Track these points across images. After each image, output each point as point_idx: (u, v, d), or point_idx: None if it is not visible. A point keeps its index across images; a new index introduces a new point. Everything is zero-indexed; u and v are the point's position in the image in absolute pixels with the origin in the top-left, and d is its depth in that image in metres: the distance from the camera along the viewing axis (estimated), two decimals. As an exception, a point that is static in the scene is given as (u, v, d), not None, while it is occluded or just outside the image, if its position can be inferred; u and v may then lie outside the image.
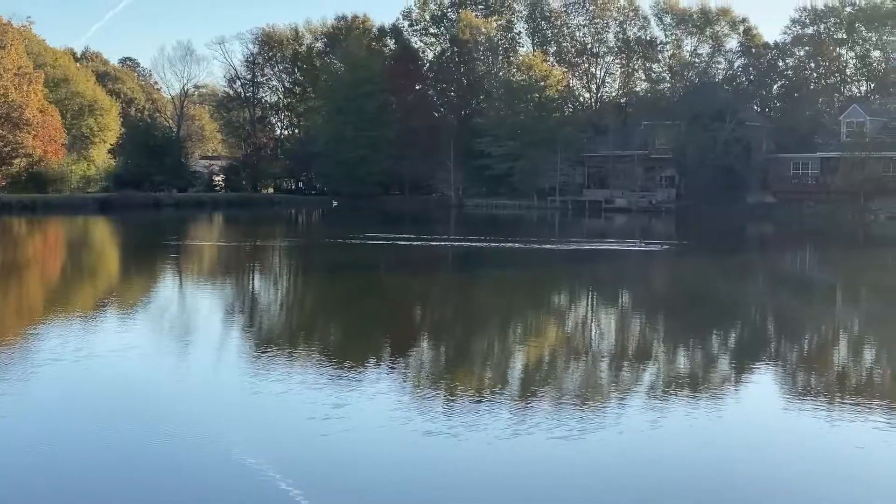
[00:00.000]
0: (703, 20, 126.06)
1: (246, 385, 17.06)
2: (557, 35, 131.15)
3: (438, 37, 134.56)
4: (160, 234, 65.25)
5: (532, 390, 17.27)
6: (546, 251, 51.58)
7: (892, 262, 53.42)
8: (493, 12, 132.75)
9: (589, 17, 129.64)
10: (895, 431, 14.82)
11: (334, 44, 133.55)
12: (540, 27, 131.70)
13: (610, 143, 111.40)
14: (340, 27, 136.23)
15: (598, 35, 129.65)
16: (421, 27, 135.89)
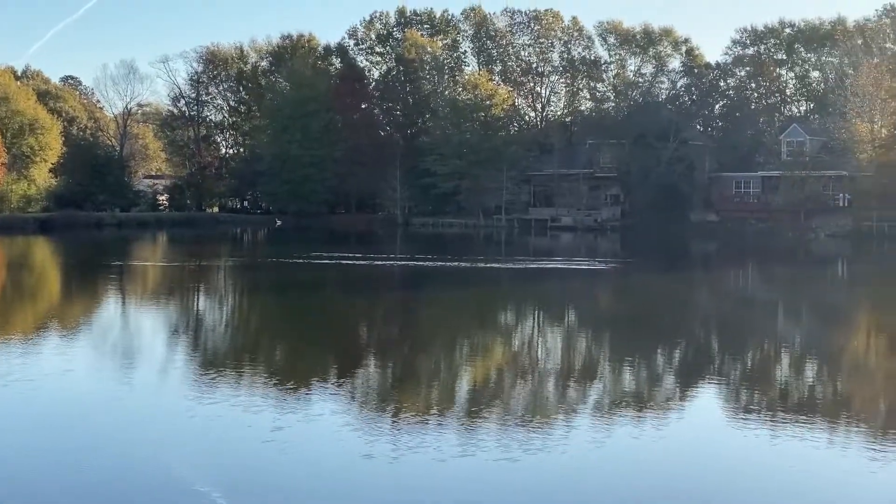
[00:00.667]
0: (646, 40, 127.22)
1: (186, 408, 16.81)
2: (503, 54, 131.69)
3: (384, 56, 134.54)
4: (102, 254, 64.45)
5: (477, 411, 17.18)
6: (492, 270, 51.61)
7: (831, 279, 54.11)
8: (438, 32, 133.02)
9: (534, 36, 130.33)
10: (835, 447, 14.91)
11: (279, 62, 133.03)
12: (485, 46, 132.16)
13: (555, 162, 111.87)
14: (286, 46, 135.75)
15: (543, 54, 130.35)
16: (366, 46, 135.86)
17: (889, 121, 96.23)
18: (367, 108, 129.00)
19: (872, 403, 18.90)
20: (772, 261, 65.17)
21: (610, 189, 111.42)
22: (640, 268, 56.32)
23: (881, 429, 16.35)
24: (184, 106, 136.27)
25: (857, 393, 19.89)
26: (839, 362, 23.69)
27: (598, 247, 77.65)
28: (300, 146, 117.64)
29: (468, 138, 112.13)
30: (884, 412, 18.16)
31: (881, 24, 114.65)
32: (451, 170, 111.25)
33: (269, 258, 60.09)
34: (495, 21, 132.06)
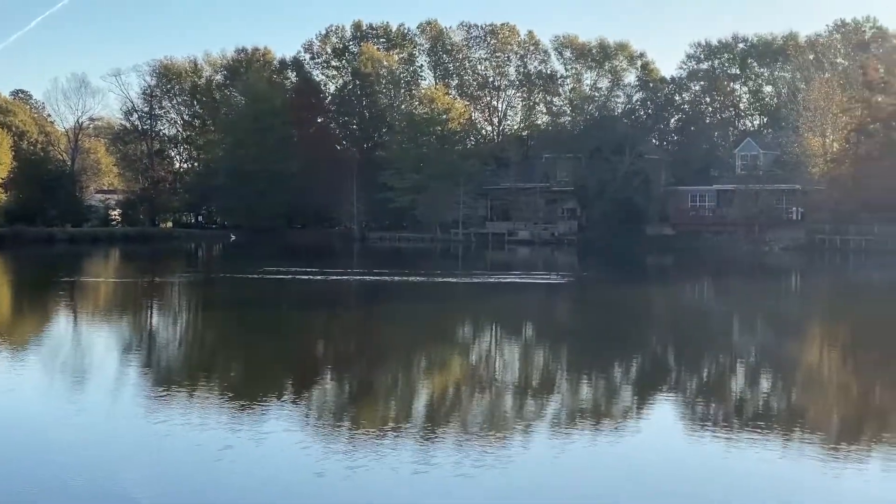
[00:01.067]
0: (601, 55, 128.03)
1: (136, 426, 16.51)
2: (459, 68, 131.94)
3: (340, 70, 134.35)
4: (53, 270, 63.57)
5: (434, 426, 17.01)
6: (449, 285, 51.47)
7: (785, 292, 54.52)
8: (394, 45, 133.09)
9: (490, 50, 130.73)
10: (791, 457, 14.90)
11: (234, 76, 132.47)
12: (442, 60, 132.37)
13: (512, 176, 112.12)
14: (240, 59, 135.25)
15: (499, 69, 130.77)
16: (322, 60, 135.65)
17: (840, 135, 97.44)
18: (323, 122, 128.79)
19: (826, 413, 18.95)
20: (727, 274, 65.60)
21: (566, 203, 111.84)
22: (597, 281, 56.45)
23: (835, 438, 16.38)
24: (136, 120, 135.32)
25: (812, 403, 19.95)
26: (793, 374, 23.78)
27: (554, 260, 77.80)
28: (255, 160, 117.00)
29: (425, 152, 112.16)
30: (837, 422, 18.21)
31: (832, 39, 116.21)
32: (407, 184, 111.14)
33: (224, 273, 59.58)
34: (451, 35, 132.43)
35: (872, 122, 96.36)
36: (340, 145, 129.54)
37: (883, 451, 15.44)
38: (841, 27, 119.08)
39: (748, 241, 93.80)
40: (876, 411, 19.40)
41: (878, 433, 16.92)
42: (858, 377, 23.59)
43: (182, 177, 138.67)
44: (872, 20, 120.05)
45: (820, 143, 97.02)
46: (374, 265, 65.32)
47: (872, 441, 16.25)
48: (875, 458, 14.98)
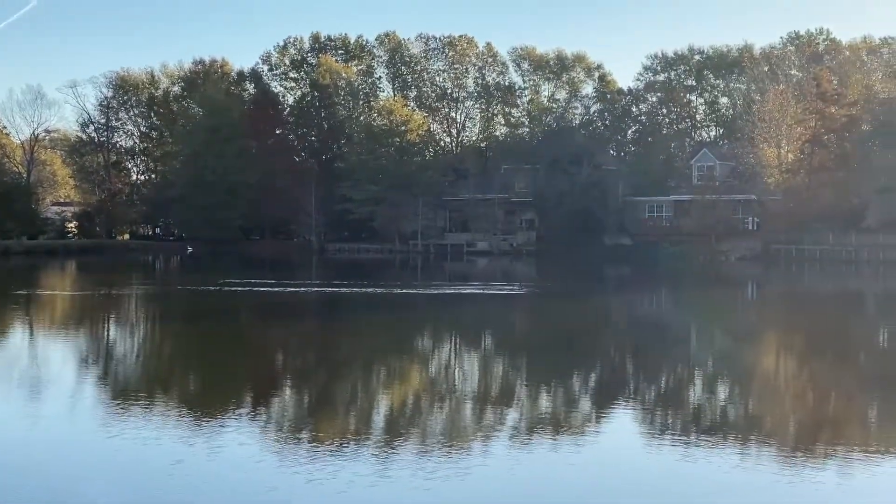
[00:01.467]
0: (559, 66, 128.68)
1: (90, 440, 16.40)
2: (418, 80, 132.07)
3: (298, 81, 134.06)
4: (7, 283, 62.88)
5: (393, 438, 17.02)
6: (409, 296, 51.48)
7: (740, 301, 54.99)
8: (353, 57, 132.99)
9: (448, 62, 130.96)
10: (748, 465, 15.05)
11: (192, 88, 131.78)
12: (400, 72, 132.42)
13: (471, 187, 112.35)
14: (198, 71, 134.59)
15: (457, 80, 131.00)
16: (281, 71, 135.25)
17: (795, 146, 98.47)
18: (281, 133, 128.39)
19: (782, 421, 19.16)
20: (684, 284, 66.07)
21: (525, 214, 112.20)
22: (555, 292, 56.63)
23: (791, 445, 16.56)
24: (93, 132, 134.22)
25: (767, 411, 20.16)
26: (749, 383, 24.01)
27: (513, 271, 78.00)
28: (213, 172, 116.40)
29: (383, 164, 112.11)
30: (793, 429, 18.41)
31: (786, 51, 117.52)
32: (366, 195, 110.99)
33: (181, 286, 59.22)
34: (410, 47, 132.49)
35: (826, 133, 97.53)
36: (299, 157, 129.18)
37: (838, 458, 15.64)
38: (795, 39, 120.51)
39: (705, 252, 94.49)
40: (830, 418, 19.64)
41: (833, 440, 17.13)
42: (813, 385, 23.87)
43: (139, 189, 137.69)
44: (825, 32, 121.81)
45: (775, 154, 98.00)
46: (332, 277, 65.20)
47: (827, 448, 16.45)
48: (830, 465, 15.17)
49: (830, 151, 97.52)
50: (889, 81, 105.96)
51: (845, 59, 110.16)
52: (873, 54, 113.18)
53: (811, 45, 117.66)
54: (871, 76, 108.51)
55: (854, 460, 15.43)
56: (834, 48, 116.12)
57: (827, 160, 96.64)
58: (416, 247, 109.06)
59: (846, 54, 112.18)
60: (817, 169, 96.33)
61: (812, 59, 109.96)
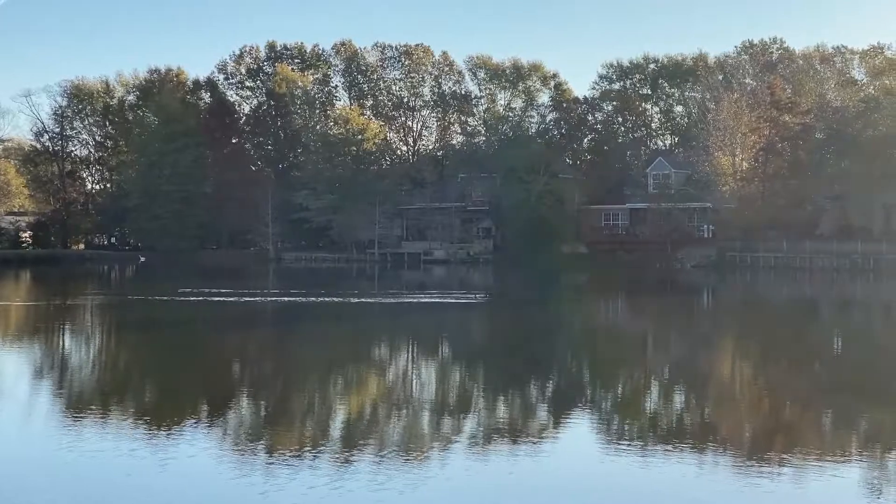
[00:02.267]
0: (515, 75, 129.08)
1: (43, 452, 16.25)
2: (374, 89, 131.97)
3: (254, 90, 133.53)
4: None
5: (350, 446, 16.98)
6: (366, 305, 51.38)
7: (696, 309, 55.41)
8: (309, 66, 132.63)
9: (405, 71, 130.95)
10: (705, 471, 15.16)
11: (147, 97, 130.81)
12: (356, 81, 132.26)
13: (428, 196, 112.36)
14: (153, 80, 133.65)
15: (414, 89, 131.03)
16: (237, 80, 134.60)
17: (749, 154, 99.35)
18: (237, 142, 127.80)
19: (737, 429, 19.30)
20: (640, 292, 66.42)
21: (482, 222, 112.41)
22: (512, 300, 56.74)
23: (747, 452, 16.69)
24: (47, 141, 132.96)
25: (723, 419, 20.32)
26: (705, 389, 24.20)
27: (470, 280, 78.09)
28: (169, 181, 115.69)
29: (340, 173, 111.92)
30: (748, 437, 18.57)
31: (740, 59, 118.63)
32: (323, 204, 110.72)
33: (136, 296, 58.69)
34: (366, 55, 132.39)
35: (780, 141, 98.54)
36: (255, 166, 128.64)
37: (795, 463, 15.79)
38: (749, 48, 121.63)
39: (660, 259, 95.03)
40: (785, 424, 19.84)
41: (788, 446, 17.30)
42: (768, 392, 24.09)
43: (94, 198, 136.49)
44: (779, 41, 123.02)
45: (729, 162, 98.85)
46: (289, 286, 64.94)
47: (784, 452, 16.60)
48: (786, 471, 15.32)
49: (784, 159, 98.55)
50: (842, 90, 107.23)
51: (799, 67, 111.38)
52: (826, 63, 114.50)
53: (765, 54, 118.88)
54: (825, 85, 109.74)
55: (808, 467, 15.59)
56: (787, 57, 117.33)
57: (781, 168, 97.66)
58: (373, 255, 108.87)
59: (800, 63, 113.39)
60: (771, 177, 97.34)
61: (766, 67, 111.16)
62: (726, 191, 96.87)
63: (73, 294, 61.38)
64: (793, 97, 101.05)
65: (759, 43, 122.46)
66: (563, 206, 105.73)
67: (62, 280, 79.20)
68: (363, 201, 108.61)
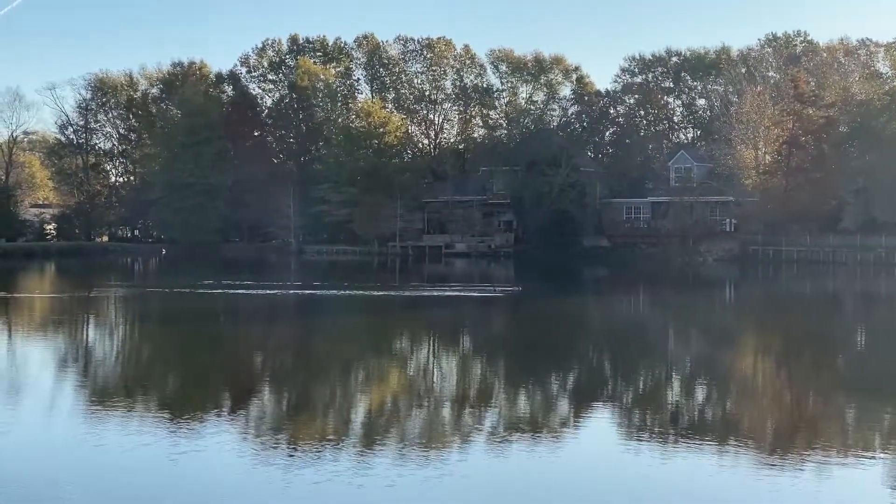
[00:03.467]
0: (537, 68, 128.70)
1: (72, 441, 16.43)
2: (396, 82, 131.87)
3: (277, 83, 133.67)
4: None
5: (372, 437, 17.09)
6: (387, 298, 51.48)
7: (718, 303, 55.25)
8: (331, 59, 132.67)
9: (426, 64, 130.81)
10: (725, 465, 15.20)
11: (170, 90, 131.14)
12: (378, 74, 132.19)
13: (449, 189, 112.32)
14: (176, 73, 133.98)
15: (435, 82, 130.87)
16: (259, 74, 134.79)
17: (772, 147, 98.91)
18: (259, 135, 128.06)
19: (759, 423, 19.30)
20: (662, 285, 66.29)
21: (503, 215, 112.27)
22: (534, 294, 56.70)
23: (768, 448, 16.71)
24: (72, 134, 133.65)
25: (745, 413, 20.32)
26: (727, 384, 24.18)
27: (491, 273, 78.11)
28: (192, 174, 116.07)
29: (361, 166, 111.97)
30: (770, 432, 18.56)
31: (763, 52, 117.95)
32: (344, 197, 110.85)
33: (160, 288, 59.01)
34: (388, 49, 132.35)
35: (803, 135, 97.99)
36: (277, 159, 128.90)
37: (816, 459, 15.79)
38: (772, 41, 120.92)
39: (682, 253, 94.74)
40: (807, 420, 19.82)
41: (810, 441, 17.29)
42: (790, 386, 24.07)
43: (118, 191, 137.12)
44: (803, 34, 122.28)
45: (752, 156, 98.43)
46: (310, 279, 65.11)
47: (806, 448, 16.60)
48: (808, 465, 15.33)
49: (808, 153, 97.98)
50: (866, 83, 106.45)
51: (822, 60, 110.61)
52: (850, 56, 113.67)
53: (789, 47, 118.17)
54: (849, 78, 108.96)
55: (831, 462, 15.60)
56: (811, 50, 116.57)
57: (804, 162, 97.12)
58: (393, 248, 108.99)
59: (823, 56, 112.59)
60: (794, 170, 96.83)
61: (789, 60, 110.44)
62: (749, 184, 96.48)
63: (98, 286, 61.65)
64: (816, 90, 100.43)
65: (783, 36, 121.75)
66: (584, 199, 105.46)
67: (86, 272, 79.65)
68: (384, 194, 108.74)
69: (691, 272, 79.30)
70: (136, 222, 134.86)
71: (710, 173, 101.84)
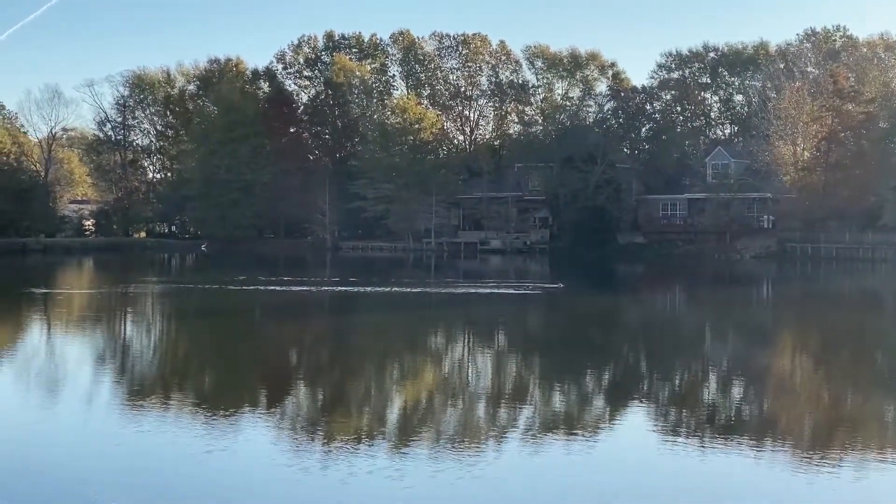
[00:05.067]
0: (573, 64, 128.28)
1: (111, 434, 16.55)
2: (431, 78, 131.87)
3: (313, 80, 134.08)
4: (26, 281, 63.11)
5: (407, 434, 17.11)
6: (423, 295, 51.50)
7: (756, 300, 54.91)
8: (367, 55, 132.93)
9: (462, 60, 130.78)
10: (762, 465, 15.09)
11: (207, 86, 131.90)
12: (414, 70, 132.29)
13: (484, 185, 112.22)
14: (213, 70, 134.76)
15: (471, 78, 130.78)
16: (295, 70, 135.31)
17: (811, 143, 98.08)
18: (295, 132, 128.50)
19: (797, 422, 19.16)
20: (698, 283, 65.95)
21: (538, 212, 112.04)
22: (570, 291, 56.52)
23: (806, 446, 16.58)
24: (110, 130, 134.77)
25: (783, 412, 20.16)
26: (764, 382, 24.01)
27: (527, 269, 77.97)
28: (228, 170, 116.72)
29: (397, 162, 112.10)
30: (808, 430, 18.42)
31: (802, 48, 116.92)
32: (380, 194, 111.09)
33: (198, 284, 59.38)
34: (424, 45, 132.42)
35: (843, 131, 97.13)
36: (313, 155, 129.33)
37: (854, 458, 15.66)
38: (811, 36, 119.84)
39: (719, 250, 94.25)
40: (846, 418, 19.64)
41: (849, 440, 17.14)
42: (828, 385, 23.86)
43: (155, 187, 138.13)
44: (842, 29, 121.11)
45: (790, 152, 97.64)
46: (347, 275, 65.28)
47: (844, 448, 16.47)
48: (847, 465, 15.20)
49: (847, 149, 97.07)
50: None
51: (862, 56, 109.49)
52: (891, 51, 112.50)
53: (828, 42, 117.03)
54: (889, 73, 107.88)
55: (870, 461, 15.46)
56: (851, 45, 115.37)
57: (843, 158, 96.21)
58: (429, 245, 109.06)
59: (863, 51, 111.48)
60: (833, 167, 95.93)
61: (829, 56, 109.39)
62: (787, 181, 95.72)
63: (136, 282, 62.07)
64: (856, 86, 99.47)
65: (822, 31, 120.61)
66: (620, 195, 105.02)
67: (124, 267, 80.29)
68: (420, 191, 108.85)
69: (728, 269, 78.82)
70: (173, 218, 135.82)
71: (748, 170, 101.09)
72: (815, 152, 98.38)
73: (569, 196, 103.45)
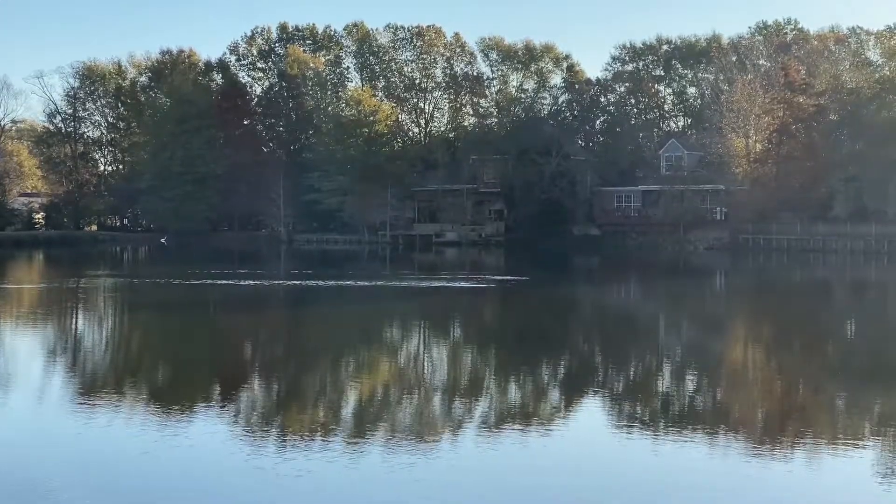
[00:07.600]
0: (527, 56, 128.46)
1: (56, 433, 16.34)
2: (386, 70, 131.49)
3: (266, 72, 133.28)
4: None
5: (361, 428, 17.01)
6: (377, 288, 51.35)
7: (709, 291, 55.30)
8: (321, 47, 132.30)
9: (417, 52, 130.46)
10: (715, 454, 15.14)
11: (159, 78, 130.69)
12: (368, 62, 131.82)
13: (439, 178, 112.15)
14: (165, 61, 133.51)
15: (425, 70, 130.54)
16: (248, 62, 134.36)
17: (763, 136, 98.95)
18: (249, 124, 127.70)
19: (750, 412, 19.27)
20: (653, 274, 66.33)
21: (494, 204, 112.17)
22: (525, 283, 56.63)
23: (758, 435, 16.67)
24: (60, 122, 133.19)
25: (736, 402, 20.28)
26: (718, 373, 24.15)
27: (482, 262, 78.05)
28: (181, 163, 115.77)
29: (352, 154, 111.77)
30: (761, 420, 18.53)
31: (754, 40, 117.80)
32: (335, 186, 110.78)
33: (150, 278, 58.82)
34: (378, 37, 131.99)
35: (794, 123, 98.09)
36: (267, 147, 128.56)
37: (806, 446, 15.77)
38: (763, 29, 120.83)
39: (673, 242, 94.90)
40: (798, 407, 19.79)
41: (802, 429, 17.27)
42: (780, 375, 24.03)
43: (107, 179, 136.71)
44: (794, 22, 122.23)
45: (743, 144, 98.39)
46: (301, 268, 64.97)
47: (796, 436, 16.58)
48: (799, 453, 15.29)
49: (798, 141, 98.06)
50: (856, 71, 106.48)
51: (813, 48, 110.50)
52: (841, 44, 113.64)
53: (779, 35, 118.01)
54: (839, 66, 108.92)
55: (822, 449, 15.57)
56: (802, 38, 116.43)
57: (795, 150, 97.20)
58: (384, 237, 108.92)
59: (814, 44, 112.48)
60: (785, 159, 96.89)
61: (780, 48, 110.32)
62: (739, 173, 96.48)
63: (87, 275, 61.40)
64: (807, 78, 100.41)
65: (774, 24, 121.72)
66: (575, 188, 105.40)
67: (75, 261, 79.39)
68: (375, 183, 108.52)
69: (682, 261, 79.36)
70: (125, 211, 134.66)
71: (701, 162, 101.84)
72: (767, 144, 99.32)
73: (524, 188, 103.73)
